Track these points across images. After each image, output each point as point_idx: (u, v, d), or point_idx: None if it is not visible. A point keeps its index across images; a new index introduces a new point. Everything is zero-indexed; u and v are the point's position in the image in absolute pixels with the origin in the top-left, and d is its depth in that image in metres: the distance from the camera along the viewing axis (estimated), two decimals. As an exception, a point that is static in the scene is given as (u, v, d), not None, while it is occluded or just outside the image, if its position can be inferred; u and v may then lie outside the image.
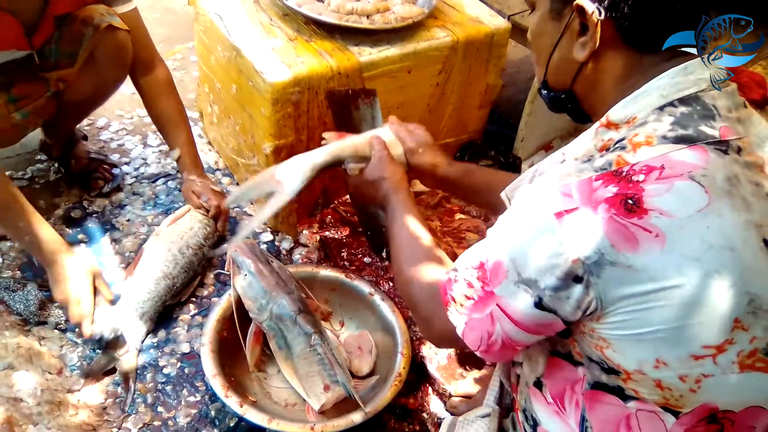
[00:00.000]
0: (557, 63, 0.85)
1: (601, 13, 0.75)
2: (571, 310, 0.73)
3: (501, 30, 1.74)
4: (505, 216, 0.79)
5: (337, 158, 1.23)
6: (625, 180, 0.70)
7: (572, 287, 0.71)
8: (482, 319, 0.80)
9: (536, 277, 0.73)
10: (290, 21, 1.63)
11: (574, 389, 0.82)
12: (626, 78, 0.78)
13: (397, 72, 1.61)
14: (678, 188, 0.68)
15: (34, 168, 1.85)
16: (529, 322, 0.77)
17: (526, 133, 1.95)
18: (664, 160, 0.70)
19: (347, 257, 1.65)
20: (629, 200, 0.68)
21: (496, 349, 0.81)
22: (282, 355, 1.34)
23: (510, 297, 0.76)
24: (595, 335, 0.75)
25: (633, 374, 0.74)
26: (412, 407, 1.37)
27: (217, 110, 1.84)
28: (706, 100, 0.74)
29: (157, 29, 2.51)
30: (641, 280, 0.68)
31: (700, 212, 0.68)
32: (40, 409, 1.21)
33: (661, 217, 0.68)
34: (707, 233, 0.68)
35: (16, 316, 1.42)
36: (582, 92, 0.85)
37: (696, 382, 0.72)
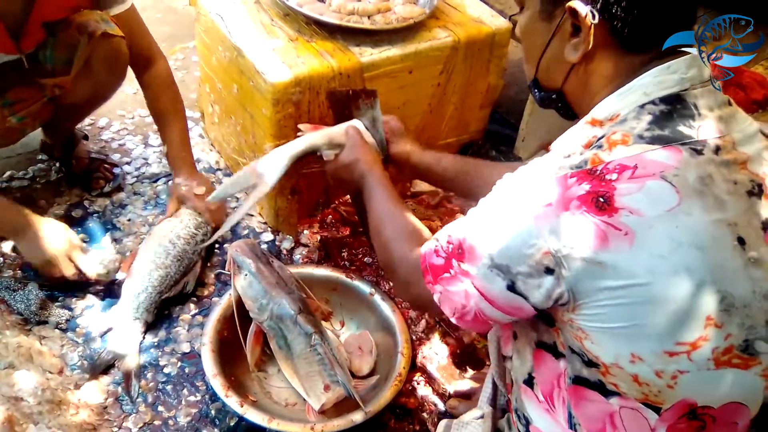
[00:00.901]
0: (548, 63, 0.86)
1: (595, 17, 0.76)
2: (542, 299, 0.75)
3: (502, 30, 1.73)
4: (486, 201, 0.82)
5: (312, 147, 1.30)
6: (598, 178, 0.71)
7: (543, 277, 0.74)
8: (457, 293, 0.83)
9: (509, 263, 0.76)
10: (291, 21, 1.63)
11: (560, 386, 0.84)
12: (616, 78, 0.79)
13: (398, 72, 1.61)
14: (649, 187, 0.70)
15: (35, 168, 1.85)
16: (501, 302, 0.80)
17: (528, 133, 1.95)
18: (637, 160, 0.71)
19: (348, 257, 1.65)
20: (600, 198, 0.70)
21: (468, 320, 0.85)
22: (282, 354, 1.34)
23: (483, 278, 0.79)
24: (574, 325, 0.76)
25: (611, 368, 0.75)
26: (412, 407, 1.37)
27: (218, 110, 1.84)
28: (687, 99, 0.75)
29: (159, 29, 2.51)
30: (611, 276, 0.70)
31: (669, 211, 0.70)
32: (41, 409, 1.21)
33: (631, 216, 0.69)
34: (676, 232, 0.69)
35: (17, 316, 1.42)
36: (572, 92, 0.86)
37: (672, 378, 0.73)
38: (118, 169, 1.86)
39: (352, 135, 1.28)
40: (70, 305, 1.50)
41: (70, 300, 1.51)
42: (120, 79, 1.64)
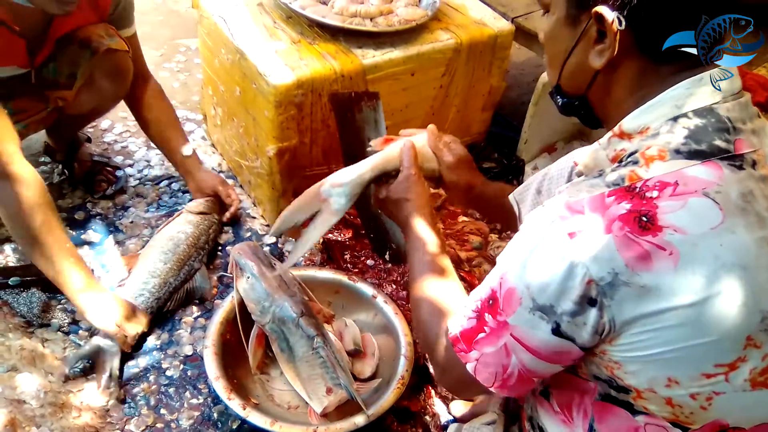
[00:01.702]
0: (572, 69, 0.83)
1: (621, 23, 0.73)
2: (589, 337, 0.71)
3: (504, 32, 1.73)
4: (516, 240, 0.77)
5: (383, 171, 1.15)
6: (639, 196, 0.68)
7: (588, 311, 0.69)
8: (496, 353, 0.78)
9: (552, 302, 0.71)
10: (294, 24, 1.63)
11: (582, 398, 0.82)
12: (641, 87, 0.77)
13: (401, 74, 1.61)
14: (692, 205, 0.67)
15: (38, 170, 1.83)
16: (546, 351, 0.75)
17: (530, 136, 1.95)
18: (677, 176, 0.69)
19: (350, 259, 1.65)
20: (643, 217, 0.67)
21: (512, 383, 0.79)
22: (284, 357, 1.34)
23: (525, 325, 0.74)
24: (606, 357, 0.73)
25: (644, 392, 0.73)
26: (415, 410, 1.37)
27: (220, 112, 1.84)
28: (720, 112, 0.73)
29: (161, 31, 2.52)
30: (653, 300, 0.67)
31: (713, 230, 0.67)
32: (43, 411, 1.21)
33: (676, 234, 0.67)
34: (720, 251, 0.67)
35: (20, 318, 1.42)
36: (596, 99, 0.83)
37: (707, 400, 0.71)
38: (120, 172, 1.86)
39: (407, 166, 1.12)
40: (72, 307, 1.49)
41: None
42: (123, 92, 1.66)
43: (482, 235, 1.74)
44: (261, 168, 1.66)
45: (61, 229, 1.34)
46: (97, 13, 1.51)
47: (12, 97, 1.48)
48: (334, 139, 1.57)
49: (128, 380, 1.38)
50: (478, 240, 1.73)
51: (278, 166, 1.59)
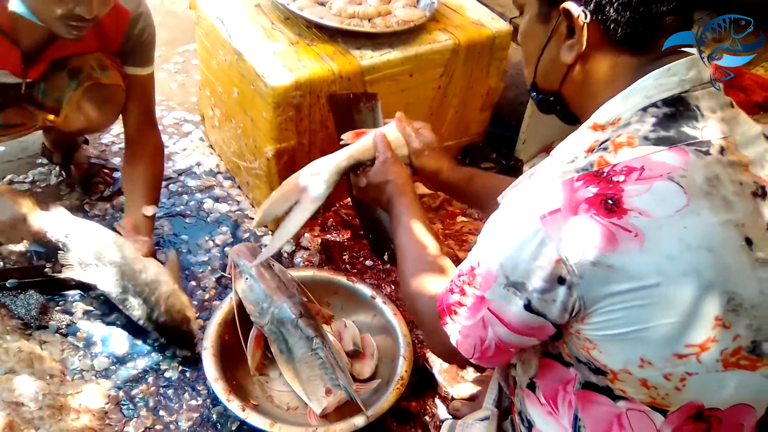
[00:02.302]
0: (545, 65, 0.86)
1: (586, 16, 0.76)
2: (559, 313, 0.74)
3: (502, 33, 1.73)
4: (493, 220, 0.80)
5: (358, 160, 1.20)
6: (606, 180, 0.71)
7: (557, 289, 0.72)
8: (474, 325, 0.81)
9: (523, 279, 0.74)
10: (292, 25, 1.63)
11: (566, 389, 0.83)
12: (613, 80, 0.79)
13: (399, 75, 1.61)
14: (657, 189, 0.70)
15: (36, 171, 1.85)
16: (520, 325, 0.78)
17: (528, 136, 1.95)
18: (644, 161, 0.71)
19: (349, 260, 1.65)
20: (609, 200, 0.70)
21: (489, 354, 0.82)
22: (283, 358, 1.34)
23: (500, 300, 0.77)
24: (581, 336, 0.76)
25: (619, 374, 0.75)
26: (414, 410, 1.36)
27: (218, 114, 1.84)
28: (689, 100, 0.75)
29: (160, 32, 2.48)
30: (621, 280, 0.70)
31: (678, 212, 0.69)
32: (42, 414, 1.21)
33: (641, 217, 0.69)
34: (685, 233, 0.69)
35: (17, 320, 1.42)
36: (570, 94, 0.86)
37: (681, 381, 0.73)
38: (117, 173, 1.85)
39: (382, 151, 1.18)
40: (70, 309, 1.49)
41: (71, 304, 1.50)
42: (112, 120, 1.64)
43: (481, 236, 1.73)
44: (259, 169, 1.66)
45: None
46: (102, 43, 1.48)
47: (2, 108, 1.48)
48: (332, 141, 1.56)
49: (126, 382, 1.37)
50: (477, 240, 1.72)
51: (276, 167, 1.59)
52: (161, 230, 1.72)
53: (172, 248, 1.66)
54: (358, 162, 1.20)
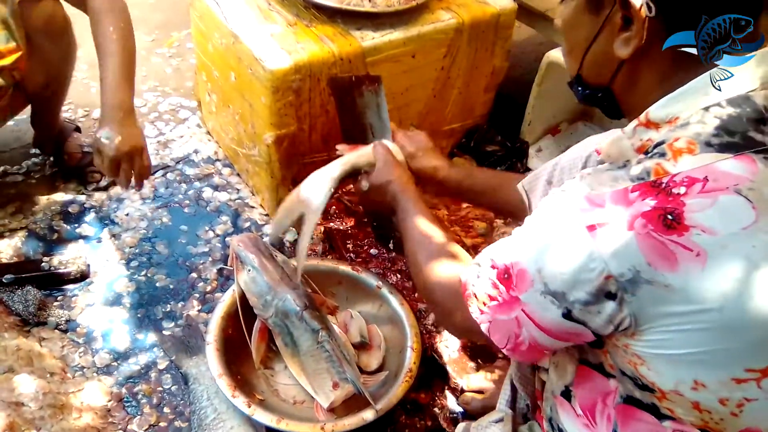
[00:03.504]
0: (594, 58, 0.78)
1: (651, 10, 0.68)
2: (602, 324, 0.69)
3: (507, 11, 1.68)
4: (533, 220, 0.74)
5: (354, 167, 1.24)
6: (665, 192, 0.64)
7: (604, 303, 0.67)
8: (508, 321, 0.77)
9: (564, 290, 0.69)
10: (289, 5, 1.57)
11: (605, 402, 0.79)
12: (671, 77, 0.72)
13: (401, 56, 1.56)
14: (722, 203, 0.63)
15: (30, 162, 1.80)
16: (557, 331, 0.73)
17: (534, 117, 1.90)
18: (707, 171, 0.64)
19: (353, 249, 1.61)
20: (669, 215, 0.63)
21: (523, 350, 0.78)
22: (288, 352, 1.31)
23: (536, 305, 0.72)
24: (629, 351, 0.70)
25: (669, 394, 0.70)
26: (424, 402, 1.34)
27: (215, 99, 1.79)
28: (756, 100, 0.68)
29: (153, 15, 2.45)
30: (679, 301, 0.64)
31: (745, 230, 0.63)
32: (43, 413, 1.18)
33: (703, 235, 0.63)
34: (753, 252, 0.63)
35: (15, 317, 1.38)
36: (621, 90, 0.79)
37: (738, 406, 0.68)
38: None
39: (382, 154, 1.20)
40: (70, 304, 1.46)
41: (70, 299, 1.47)
42: (69, 47, 1.55)
43: (487, 221, 1.70)
44: (259, 156, 1.61)
45: None
46: None
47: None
48: (333, 125, 1.52)
49: (129, 378, 1.34)
50: (483, 226, 1.69)
51: (277, 153, 1.54)
52: (160, 221, 1.68)
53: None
54: (354, 168, 1.24)
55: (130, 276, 1.54)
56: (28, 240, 1.58)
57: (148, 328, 1.44)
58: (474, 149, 1.88)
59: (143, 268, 1.56)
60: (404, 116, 1.69)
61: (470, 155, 1.89)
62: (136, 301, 1.49)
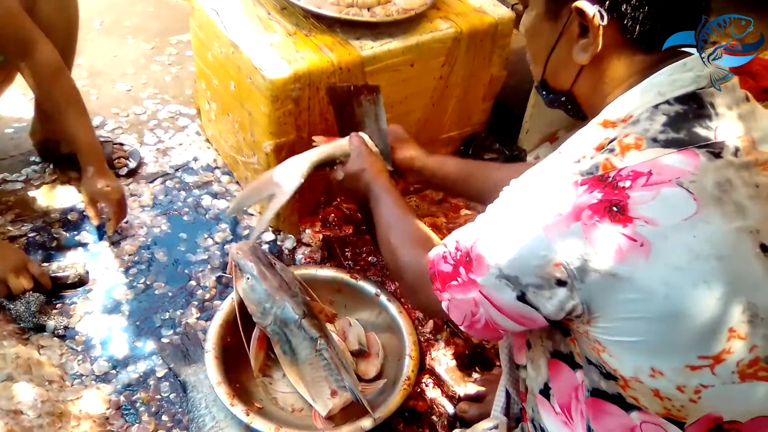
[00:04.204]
0: (556, 64, 0.82)
1: (603, 18, 0.72)
2: (554, 310, 0.72)
3: (505, 20, 1.69)
4: (494, 208, 0.79)
5: (328, 156, 1.30)
6: (611, 186, 0.68)
7: (555, 289, 0.70)
8: (465, 300, 0.81)
9: (518, 274, 0.73)
10: (289, 15, 1.58)
11: (578, 397, 0.81)
12: (627, 79, 0.76)
13: (400, 65, 1.57)
14: (665, 195, 0.66)
15: (29, 170, 1.80)
16: (511, 312, 0.77)
17: (531, 125, 1.91)
18: (651, 165, 0.68)
19: (351, 256, 1.62)
20: (614, 207, 0.67)
21: (479, 327, 0.83)
22: (287, 360, 1.31)
23: (492, 288, 0.76)
24: (591, 337, 0.73)
25: (630, 381, 0.72)
26: (421, 410, 1.34)
27: (215, 107, 1.80)
28: (704, 97, 0.71)
29: (152, 23, 2.46)
30: (627, 290, 0.67)
31: (686, 220, 0.66)
32: (41, 422, 1.18)
33: (647, 226, 0.66)
34: (694, 242, 0.66)
35: (15, 325, 1.38)
36: (582, 93, 0.82)
37: (695, 393, 0.70)
38: (128, 147, 1.84)
39: (356, 145, 1.27)
40: (69, 312, 1.46)
41: (69, 307, 1.47)
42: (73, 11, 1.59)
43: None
44: (258, 164, 1.62)
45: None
46: None
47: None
48: (332, 134, 1.52)
49: (127, 386, 1.35)
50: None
51: (276, 161, 1.54)
52: (159, 228, 1.69)
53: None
54: (330, 157, 1.30)
55: (129, 284, 1.54)
56: (27, 247, 1.58)
57: (147, 336, 1.44)
58: (472, 157, 1.89)
59: (142, 275, 1.57)
60: (403, 125, 1.68)
61: (468, 163, 1.91)
62: (134, 309, 1.49)
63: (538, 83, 0.88)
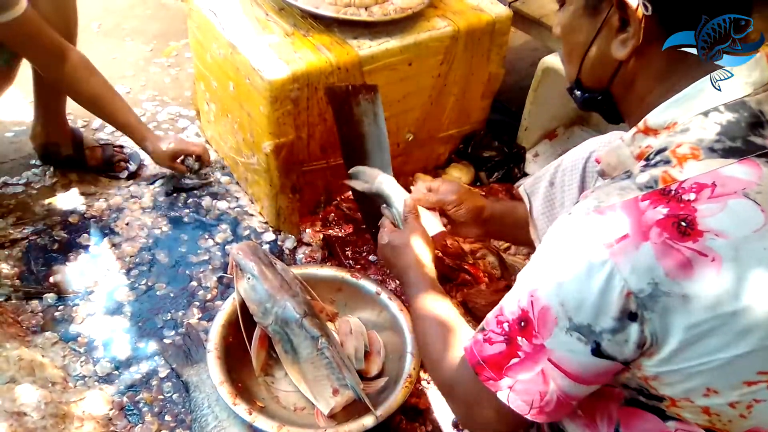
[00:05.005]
0: (593, 61, 0.79)
1: (647, 9, 0.69)
2: (631, 353, 0.68)
3: (502, 18, 1.69)
4: (543, 252, 0.71)
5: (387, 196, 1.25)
6: (675, 199, 0.65)
7: (628, 327, 0.65)
8: (532, 380, 0.72)
9: (590, 321, 0.66)
10: (286, 15, 1.58)
11: (607, 404, 0.78)
12: (668, 77, 0.73)
13: (398, 64, 1.57)
14: (732, 207, 0.64)
15: (30, 173, 1.81)
16: (586, 374, 0.70)
17: (530, 122, 1.92)
18: (714, 177, 0.65)
19: (352, 255, 1.62)
20: (682, 222, 0.63)
21: (549, 410, 0.74)
22: (289, 359, 1.31)
23: (563, 349, 0.69)
24: (641, 371, 0.70)
25: (679, 401, 0.70)
26: (423, 407, 1.35)
27: (214, 108, 1.80)
28: (752, 105, 0.69)
29: (150, 25, 2.47)
30: (695, 310, 0.64)
31: (756, 232, 0.64)
32: (45, 423, 1.19)
33: (717, 239, 0.63)
34: (765, 254, 0.64)
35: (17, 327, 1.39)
36: (619, 92, 0.79)
37: (747, 408, 0.68)
38: (128, 150, 1.86)
39: (410, 221, 1.16)
40: (71, 314, 1.47)
41: (71, 309, 1.48)
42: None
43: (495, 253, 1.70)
44: (258, 164, 1.63)
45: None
46: None
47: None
48: (331, 134, 1.53)
49: (130, 387, 1.35)
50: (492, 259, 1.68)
51: (275, 162, 1.55)
52: (160, 230, 1.69)
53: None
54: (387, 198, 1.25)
55: (131, 285, 1.55)
56: (28, 250, 1.59)
57: (149, 337, 1.44)
58: (471, 155, 1.90)
59: (143, 277, 1.57)
60: (401, 124, 1.70)
61: (468, 161, 1.91)
62: (136, 310, 1.50)
63: (572, 83, 0.85)
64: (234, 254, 1.37)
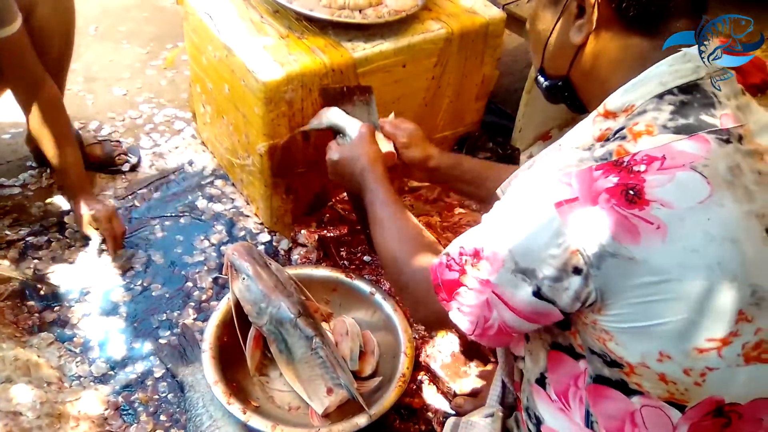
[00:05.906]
0: (554, 48, 0.84)
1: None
2: (569, 301, 0.72)
3: (496, 20, 1.70)
4: (503, 204, 0.79)
5: (341, 127, 1.32)
6: (626, 170, 0.69)
7: (571, 278, 0.71)
8: (477, 305, 0.80)
9: (534, 266, 0.72)
10: (281, 18, 1.59)
11: (577, 385, 0.82)
12: (623, 63, 0.77)
13: (392, 67, 1.58)
14: (679, 179, 0.68)
15: (26, 174, 1.81)
16: (526, 311, 0.76)
17: (524, 124, 1.93)
18: (665, 150, 0.69)
19: (346, 256, 1.63)
20: (630, 190, 0.68)
21: (491, 334, 0.81)
22: (283, 359, 1.32)
23: (507, 286, 0.76)
24: (598, 327, 0.74)
25: (636, 367, 0.73)
26: (417, 407, 1.36)
27: (210, 110, 1.81)
28: (705, 87, 0.73)
29: (146, 28, 2.48)
30: (642, 273, 0.68)
31: (701, 203, 0.68)
32: (40, 423, 1.20)
33: (663, 209, 0.67)
34: (708, 225, 0.67)
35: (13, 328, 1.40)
36: (579, 79, 0.84)
37: (701, 376, 0.71)
38: (126, 143, 1.88)
39: (362, 132, 1.26)
40: (67, 314, 1.47)
41: (68, 309, 1.48)
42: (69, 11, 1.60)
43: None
44: (253, 166, 1.63)
45: None
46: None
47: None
48: (326, 135, 1.54)
49: (126, 387, 1.36)
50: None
51: (270, 163, 1.56)
52: (155, 231, 1.70)
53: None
54: (340, 128, 1.32)
55: (126, 286, 1.56)
56: (25, 251, 1.60)
57: (145, 337, 1.45)
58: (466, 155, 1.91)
59: (139, 278, 1.58)
60: (396, 125, 1.71)
61: (462, 162, 1.92)
62: (132, 311, 1.51)
63: (537, 71, 0.89)
64: (229, 255, 1.38)
